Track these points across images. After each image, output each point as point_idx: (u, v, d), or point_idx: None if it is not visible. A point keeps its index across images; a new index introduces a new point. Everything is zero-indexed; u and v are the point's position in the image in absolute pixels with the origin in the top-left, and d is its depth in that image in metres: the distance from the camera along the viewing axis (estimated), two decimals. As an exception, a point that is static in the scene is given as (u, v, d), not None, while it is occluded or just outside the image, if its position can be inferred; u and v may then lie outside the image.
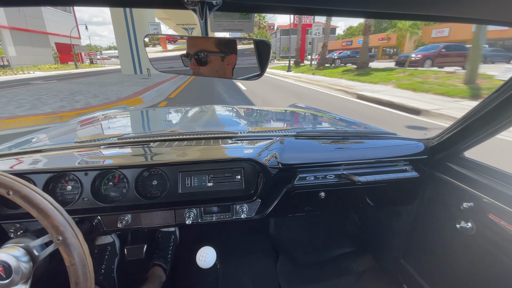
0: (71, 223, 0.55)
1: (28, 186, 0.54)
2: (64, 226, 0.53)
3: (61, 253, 0.53)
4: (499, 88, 0.78)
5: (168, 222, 0.96)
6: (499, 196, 0.84)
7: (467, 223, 0.94)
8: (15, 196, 0.52)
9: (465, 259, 0.98)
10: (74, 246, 0.53)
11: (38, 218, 0.52)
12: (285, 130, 1.22)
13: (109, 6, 0.55)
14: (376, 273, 1.44)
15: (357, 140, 1.18)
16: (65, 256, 0.52)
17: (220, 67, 0.54)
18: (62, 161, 0.88)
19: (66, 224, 0.53)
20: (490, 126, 0.86)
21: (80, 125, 1.50)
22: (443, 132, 1.07)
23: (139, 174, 0.90)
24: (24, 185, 0.53)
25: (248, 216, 1.01)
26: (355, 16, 0.61)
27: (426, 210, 1.17)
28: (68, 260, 0.52)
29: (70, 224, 0.54)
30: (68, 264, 0.53)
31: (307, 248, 1.65)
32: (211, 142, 1.06)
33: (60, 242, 0.52)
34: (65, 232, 0.52)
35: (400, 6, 0.51)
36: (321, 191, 1.06)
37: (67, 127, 1.47)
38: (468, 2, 0.48)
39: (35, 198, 0.53)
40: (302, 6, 0.54)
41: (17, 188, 0.52)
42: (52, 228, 0.52)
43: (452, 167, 1.06)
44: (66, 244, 0.52)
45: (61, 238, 0.52)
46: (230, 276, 1.42)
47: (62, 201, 0.87)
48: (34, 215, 0.52)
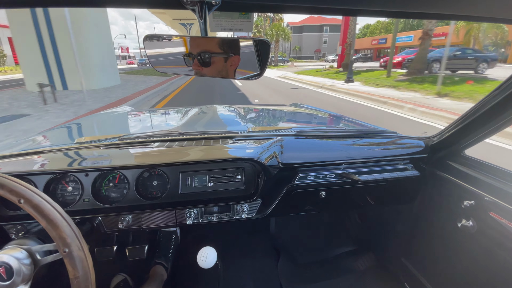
0: (78, 236, 0.55)
1: (39, 195, 0.54)
2: (71, 238, 0.53)
3: (66, 265, 0.53)
4: (499, 86, 0.78)
5: (169, 223, 0.96)
6: (500, 194, 0.84)
7: (468, 221, 0.94)
8: (26, 205, 0.52)
9: (467, 258, 0.98)
10: (80, 259, 0.53)
11: (46, 228, 0.52)
12: (285, 130, 1.22)
13: (109, 7, 0.55)
14: (377, 272, 1.44)
15: (357, 139, 1.18)
16: (69, 268, 0.53)
17: (223, 68, 0.54)
18: (62, 162, 0.88)
19: (73, 236, 0.54)
20: (491, 124, 0.86)
21: (80, 126, 1.50)
22: (443, 130, 1.07)
23: (140, 175, 0.90)
24: (35, 193, 0.54)
25: (249, 216, 1.01)
26: (355, 15, 0.61)
27: (427, 208, 1.17)
28: (72, 273, 0.53)
29: (77, 236, 0.55)
30: (72, 276, 0.53)
31: (308, 248, 1.65)
32: (212, 142, 1.06)
33: (66, 254, 0.52)
34: (72, 245, 0.53)
35: (407, 4, 0.51)
36: (321, 191, 1.06)
37: (67, 128, 1.47)
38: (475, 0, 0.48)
39: (46, 208, 0.53)
40: (301, 5, 0.54)
41: (29, 197, 0.52)
42: (59, 239, 0.52)
43: (453, 165, 1.05)
44: (71, 256, 0.52)
45: (68, 250, 0.52)
46: (231, 275, 1.42)
47: (63, 202, 0.87)
48: (43, 225, 0.52)
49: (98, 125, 1.53)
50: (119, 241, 1.16)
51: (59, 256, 0.54)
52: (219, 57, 0.52)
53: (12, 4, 0.54)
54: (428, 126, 4.83)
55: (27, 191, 0.53)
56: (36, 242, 0.60)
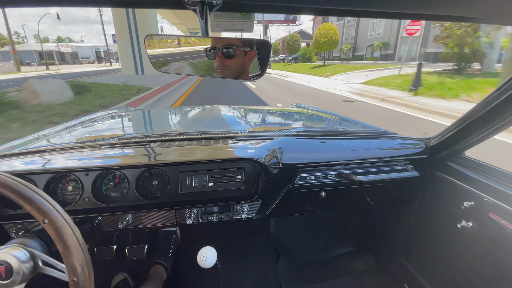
0: (88, 265, 0.55)
1: (63, 216, 0.54)
2: (82, 268, 0.53)
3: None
4: (499, 87, 0.78)
5: (169, 222, 0.96)
6: (500, 195, 0.84)
7: (468, 223, 0.94)
8: (49, 226, 0.52)
9: (466, 258, 0.98)
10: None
11: (62, 253, 0.52)
12: (285, 130, 1.22)
13: (109, 6, 0.55)
14: (376, 273, 1.44)
15: (357, 139, 1.18)
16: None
17: (243, 61, 0.57)
18: (63, 162, 0.88)
19: (84, 266, 0.54)
20: (491, 125, 0.86)
21: (81, 126, 1.50)
22: (443, 131, 1.07)
23: (140, 174, 0.90)
24: (60, 214, 0.54)
25: (249, 216, 1.01)
26: (355, 16, 0.61)
27: (427, 209, 1.17)
28: None
29: (87, 266, 0.55)
30: None
31: (307, 248, 1.65)
32: (212, 142, 1.06)
33: (73, 283, 0.52)
34: (81, 276, 0.53)
35: (398, 5, 0.51)
36: (321, 191, 1.06)
37: (68, 128, 1.47)
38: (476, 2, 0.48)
39: (66, 233, 0.53)
40: (301, 6, 0.54)
41: (54, 219, 0.52)
42: (71, 268, 0.52)
43: (452, 166, 1.05)
44: (77, 286, 0.52)
45: (76, 280, 0.52)
46: (231, 275, 1.42)
47: (63, 201, 0.87)
48: (59, 249, 0.52)
49: (99, 124, 1.53)
50: (119, 240, 1.16)
51: (61, 276, 0.54)
52: (241, 50, 0.55)
53: (12, 4, 0.54)
54: None
55: (53, 211, 0.53)
56: (38, 243, 0.60)
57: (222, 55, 0.55)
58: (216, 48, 0.55)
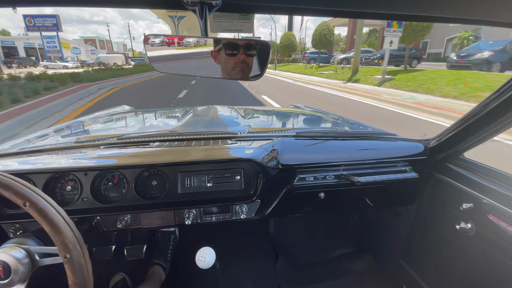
0: (80, 241, 0.55)
1: (44, 198, 0.54)
2: (73, 244, 0.53)
3: (66, 271, 0.53)
4: (498, 89, 0.78)
5: (167, 223, 0.96)
6: (499, 197, 0.84)
7: (466, 224, 0.94)
8: (31, 208, 0.51)
9: (465, 260, 0.98)
10: (80, 265, 0.53)
11: (49, 233, 0.52)
12: (285, 131, 1.22)
13: (109, 7, 0.55)
14: (375, 274, 1.44)
15: (356, 140, 1.18)
16: (69, 274, 0.53)
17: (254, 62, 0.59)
18: (61, 161, 0.88)
19: (75, 242, 0.53)
20: (490, 127, 0.86)
21: (80, 125, 1.50)
22: (442, 133, 1.07)
23: (139, 175, 0.90)
24: (41, 197, 0.53)
25: (248, 217, 1.01)
26: (355, 17, 0.61)
27: (426, 211, 1.17)
28: (71, 279, 0.53)
29: (79, 242, 0.55)
30: (70, 283, 0.53)
31: (306, 249, 1.65)
32: (211, 143, 1.06)
33: (67, 260, 0.52)
34: (73, 251, 0.52)
35: (397, 6, 0.51)
36: (320, 192, 1.06)
37: (67, 127, 1.47)
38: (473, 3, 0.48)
39: (50, 212, 0.52)
40: (301, 7, 0.54)
41: (34, 200, 0.52)
42: (61, 244, 0.52)
43: (451, 167, 1.06)
44: (72, 263, 0.52)
45: (69, 256, 0.52)
46: (230, 276, 1.41)
47: (62, 201, 0.87)
48: (46, 229, 0.52)
49: (98, 124, 1.53)
50: (118, 240, 1.16)
51: (58, 260, 0.54)
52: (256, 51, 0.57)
53: (12, 4, 0.54)
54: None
55: (32, 194, 0.53)
56: (35, 241, 0.60)
57: (244, 52, 0.57)
58: (239, 45, 0.56)
